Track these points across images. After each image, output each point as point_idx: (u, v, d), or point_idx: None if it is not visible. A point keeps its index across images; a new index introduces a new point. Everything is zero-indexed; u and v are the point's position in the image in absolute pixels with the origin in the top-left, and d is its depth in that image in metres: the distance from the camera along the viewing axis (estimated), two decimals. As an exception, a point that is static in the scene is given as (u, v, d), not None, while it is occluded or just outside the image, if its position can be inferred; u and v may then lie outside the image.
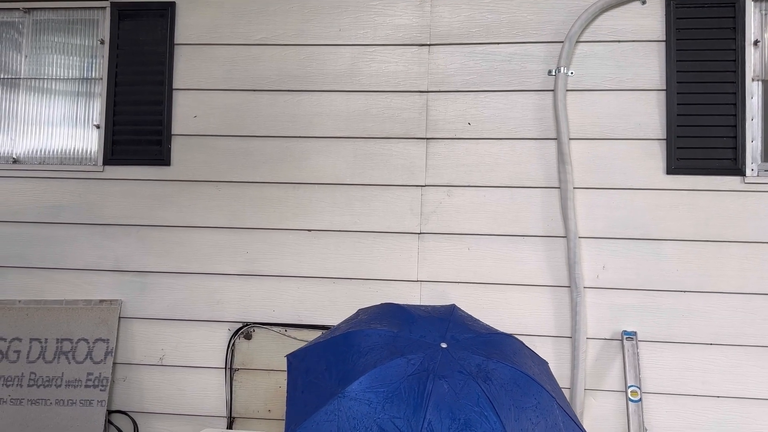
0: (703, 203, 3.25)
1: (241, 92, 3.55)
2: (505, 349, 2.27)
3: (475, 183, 3.40)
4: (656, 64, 3.33)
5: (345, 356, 2.15)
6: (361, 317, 2.48)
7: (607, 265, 3.28)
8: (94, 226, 3.59)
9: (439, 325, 2.30)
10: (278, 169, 3.51)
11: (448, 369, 2.05)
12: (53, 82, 3.73)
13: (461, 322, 2.39)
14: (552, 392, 2.19)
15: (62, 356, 3.48)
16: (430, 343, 2.15)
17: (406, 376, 2.00)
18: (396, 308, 2.43)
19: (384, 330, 2.21)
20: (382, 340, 2.17)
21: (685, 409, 3.20)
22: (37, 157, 3.70)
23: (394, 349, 2.12)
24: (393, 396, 1.96)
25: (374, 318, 2.37)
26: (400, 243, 3.43)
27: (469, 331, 2.30)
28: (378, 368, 2.02)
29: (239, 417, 3.44)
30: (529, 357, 2.38)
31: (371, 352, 2.11)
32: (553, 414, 2.08)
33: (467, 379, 2.02)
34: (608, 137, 3.33)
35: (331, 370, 2.12)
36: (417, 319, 2.31)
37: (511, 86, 3.40)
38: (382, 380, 1.99)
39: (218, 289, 3.50)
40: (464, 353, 2.13)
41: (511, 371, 2.12)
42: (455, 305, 2.62)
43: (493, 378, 2.07)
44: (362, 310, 2.64)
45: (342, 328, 2.41)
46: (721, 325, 3.20)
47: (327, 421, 1.95)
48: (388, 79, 3.48)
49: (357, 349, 2.15)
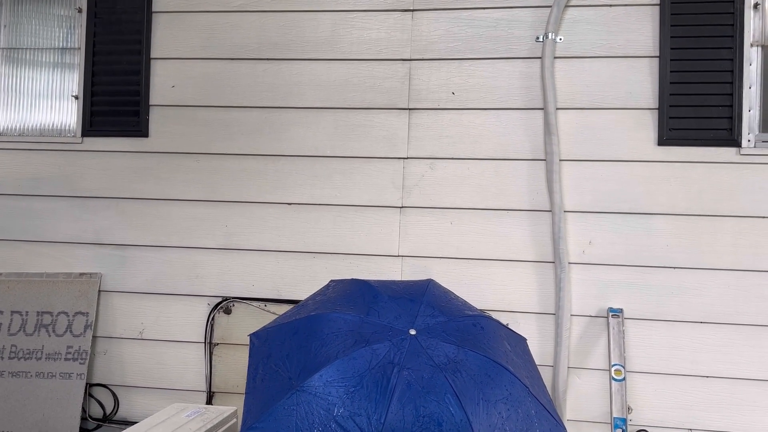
0: (697, 176, 3.11)
1: (219, 61, 3.46)
2: (478, 334, 2.18)
3: (458, 155, 3.29)
4: (649, 29, 3.16)
5: (307, 343, 2.04)
6: (330, 294, 2.39)
7: (594, 240, 3.17)
8: (73, 199, 3.55)
9: (409, 308, 2.19)
10: (257, 141, 3.42)
11: (414, 360, 1.95)
12: (32, 52, 3.66)
13: (434, 302, 2.28)
14: (525, 379, 2.09)
15: (42, 329, 3.46)
16: (399, 329, 2.05)
17: (369, 369, 1.90)
18: (366, 288, 2.31)
19: (349, 315, 2.09)
20: (347, 326, 2.05)
21: (673, 388, 3.09)
22: (16, 129, 3.66)
23: (359, 336, 2.01)
24: (355, 391, 1.86)
25: (342, 299, 2.26)
26: (382, 217, 3.34)
27: (441, 314, 2.19)
28: (340, 360, 1.91)
29: (219, 392, 3.41)
30: (505, 338, 2.29)
31: (335, 340, 2.01)
32: (525, 405, 1.99)
33: (434, 371, 1.93)
34: (597, 107, 3.19)
35: (292, 359, 2.02)
36: (387, 301, 2.20)
37: (497, 53, 3.26)
38: (344, 373, 1.89)
39: (198, 263, 3.45)
40: (433, 341, 2.03)
41: (482, 361, 2.02)
42: (431, 280, 2.52)
43: (462, 369, 1.97)
44: (333, 282, 2.55)
45: (309, 306, 2.32)
46: (713, 303, 3.08)
47: (285, 416, 1.85)
48: (369, 46, 3.36)
49: (320, 336, 2.03)
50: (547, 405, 2.12)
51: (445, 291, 2.52)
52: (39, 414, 3.35)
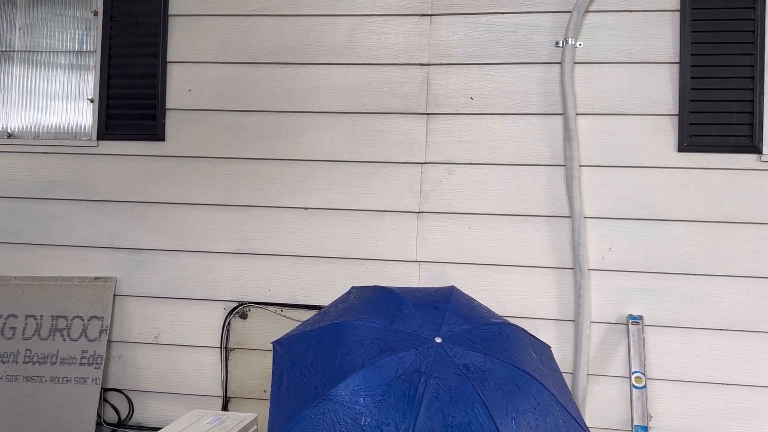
0: (716, 182, 3.10)
1: (236, 65, 3.44)
2: (504, 342, 2.16)
3: (477, 160, 3.28)
4: (669, 35, 3.15)
5: (332, 352, 2.02)
6: (353, 301, 2.37)
7: (613, 247, 3.15)
8: (88, 202, 3.53)
9: (434, 316, 2.18)
10: (274, 145, 3.41)
11: (442, 368, 1.93)
12: (47, 54, 3.65)
13: (459, 310, 2.27)
14: (553, 388, 2.08)
15: (57, 333, 3.45)
16: (424, 337, 2.03)
17: (396, 378, 1.88)
18: (389, 295, 2.29)
19: (374, 323, 2.07)
20: (371, 334, 2.03)
21: (692, 396, 3.08)
22: (31, 132, 3.64)
23: (385, 345, 1.99)
24: (382, 400, 1.85)
25: (365, 306, 2.24)
26: (399, 222, 3.32)
27: (466, 322, 2.18)
28: (367, 368, 1.89)
29: (234, 397, 3.39)
30: (530, 346, 2.27)
31: (360, 349, 1.99)
32: (554, 414, 1.97)
33: (462, 380, 1.91)
34: (617, 112, 3.17)
35: (317, 367, 2.00)
36: (411, 308, 2.19)
37: (516, 58, 3.25)
38: (370, 382, 1.87)
39: (213, 268, 3.44)
40: (460, 349, 2.01)
41: (510, 370, 2.00)
42: (454, 287, 2.51)
43: (490, 379, 1.95)
44: (355, 289, 2.54)
45: (332, 313, 2.30)
46: (733, 310, 3.06)
47: (312, 425, 1.83)
48: (387, 51, 3.34)
49: (345, 344, 2.02)
50: (575, 414, 2.10)
51: (469, 298, 2.50)
52: (54, 419, 3.33)
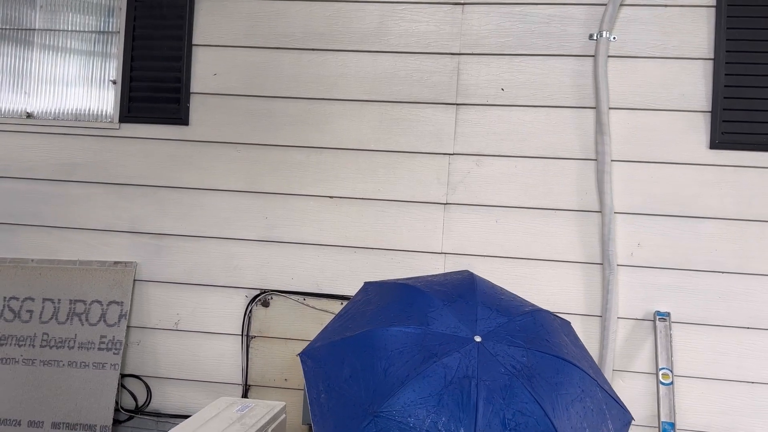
0: (748, 180, 3.08)
1: (263, 50, 3.39)
2: (539, 331, 2.12)
3: (506, 152, 3.25)
4: (704, 31, 3.13)
5: (372, 363, 1.92)
6: (377, 302, 2.22)
7: (642, 243, 3.13)
8: (109, 185, 3.48)
9: (467, 312, 2.11)
10: (300, 132, 3.37)
11: (489, 370, 1.87)
12: (68, 35, 3.58)
13: (489, 302, 2.20)
14: (590, 370, 2.05)
15: (75, 318, 3.40)
16: (463, 337, 1.96)
17: (446, 386, 1.80)
18: (415, 293, 2.16)
19: (410, 328, 1.97)
20: (410, 341, 1.93)
21: (718, 393, 3.07)
22: (51, 113, 3.58)
23: (426, 351, 1.90)
24: (436, 411, 1.77)
25: (394, 309, 2.11)
26: (425, 213, 3.29)
27: (500, 315, 2.13)
28: (414, 380, 1.80)
29: (255, 385, 3.36)
30: (560, 329, 2.24)
31: (401, 358, 1.90)
32: (597, 398, 1.95)
33: (511, 379, 1.86)
34: (649, 108, 3.15)
35: (358, 381, 1.90)
36: (442, 307, 2.11)
37: (549, 50, 3.22)
38: (420, 393, 1.79)
39: (236, 255, 3.40)
40: (501, 346, 1.96)
41: (552, 361, 1.96)
42: (472, 274, 2.39)
43: (536, 374, 1.91)
44: (372, 286, 2.37)
45: (358, 319, 2.16)
46: (761, 308, 3.05)
47: None
48: (418, 39, 3.30)
49: (384, 355, 1.91)
50: (612, 392, 2.08)
51: (491, 285, 2.43)
52: (71, 404, 3.29)
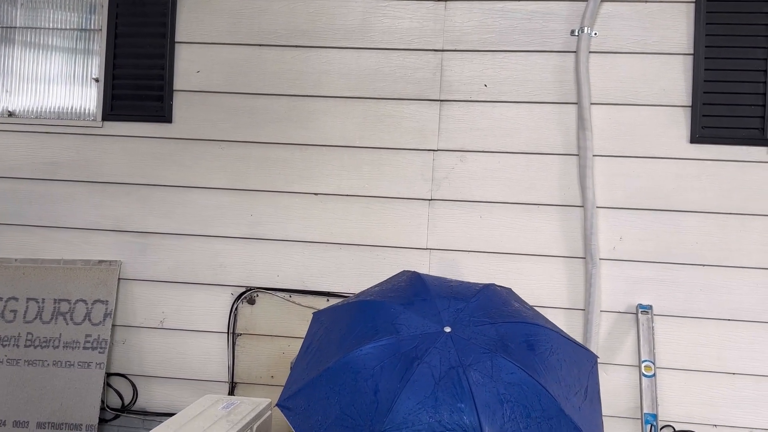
0: (727, 174, 3.12)
1: (246, 47, 3.38)
2: (495, 304, 2.15)
3: (489, 148, 3.26)
4: (684, 26, 3.16)
5: (358, 388, 1.88)
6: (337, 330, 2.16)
7: (624, 237, 3.17)
8: (93, 184, 3.46)
9: (427, 308, 2.06)
10: (284, 130, 3.37)
11: (469, 354, 1.89)
12: (50, 32, 3.56)
13: (441, 292, 2.15)
14: (548, 325, 2.15)
15: (60, 317, 3.38)
16: (434, 332, 1.97)
17: (436, 383, 1.83)
18: (373, 307, 2.12)
19: (383, 341, 1.95)
20: (386, 352, 1.92)
21: (699, 385, 3.11)
22: (33, 111, 3.55)
23: (405, 357, 1.90)
24: (435, 408, 1.79)
25: (357, 329, 2.07)
26: (410, 209, 3.30)
27: (456, 301, 2.11)
28: (406, 391, 1.81)
29: (241, 382, 3.37)
30: (508, 296, 2.28)
31: (384, 372, 1.89)
32: (564, 349, 2.06)
33: (491, 356, 1.90)
34: (630, 103, 3.18)
35: (351, 411, 1.86)
36: (403, 311, 2.07)
37: (531, 46, 3.24)
38: (415, 399, 1.79)
39: (221, 253, 3.39)
40: (471, 329, 1.99)
41: (518, 327, 2.03)
42: (414, 272, 2.35)
43: (509, 343, 1.97)
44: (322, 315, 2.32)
45: (325, 350, 2.10)
46: (741, 300, 3.10)
47: None
48: (401, 36, 3.31)
49: (367, 375, 1.89)
50: (572, 338, 2.17)
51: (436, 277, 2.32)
52: (57, 403, 3.28)
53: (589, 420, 1.99)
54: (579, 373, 2.06)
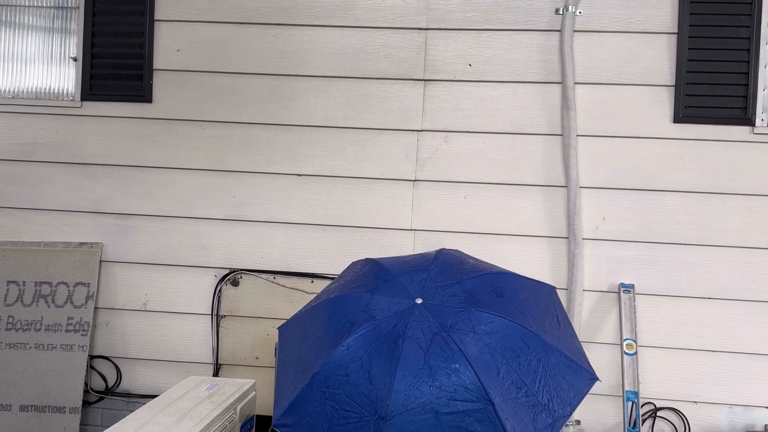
0: (710, 154, 3.13)
1: (227, 25, 3.33)
2: (453, 265, 2.18)
3: (474, 128, 3.25)
4: (668, 5, 3.14)
5: (351, 383, 1.87)
6: (311, 335, 2.11)
7: (607, 216, 3.18)
8: (72, 165, 3.41)
9: (393, 288, 2.07)
10: (266, 110, 3.33)
11: (448, 317, 1.91)
12: (26, 10, 3.47)
13: (401, 269, 2.16)
14: (504, 269, 2.21)
15: (41, 300, 3.35)
16: (407, 307, 1.96)
17: (424, 354, 1.83)
18: (342, 301, 2.10)
19: (362, 330, 1.93)
20: (369, 339, 1.92)
21: (679, 362, 3.15)
22: (10, 91, 3.48)
23: (388, 338, 1.89)
24: (432, 376, 1.80)
25: (333, 325, 2.04)
26: (394, 190, 3.29)
27: (417, 273, 2.12)
28: (398, 370, 1.81)
29: (226, 364, 3.36)
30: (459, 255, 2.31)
31: (372, 362, 1.88)
32: (528, 285, 2.14)
33: (468, 312, 1.92)
34: (614, 82, 3.17)
35: (352, 408, 1.86)
36: (371, 297, 2.06)
37: (516, 25, 3.21)
38: (411, 376, 1.80)
39: (204, 234, 3.37)
40: (440, 295, 2.00)
41: (482, 278, 2.08)
42: (370, 259, 2.31)
43: (479, 296, 1.99)
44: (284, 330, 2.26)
45: (306, 357, 2.05)
46: (720, 279, 3.13)
47: None
48: (384, 14, 3.27)
49: (350, 371, 1.88)
50: (527, 277, 2.22)
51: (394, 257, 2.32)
52: (39, 386, 3.26)
53: (570, 345, 2.05)
54: (546, 304, 2.12)
